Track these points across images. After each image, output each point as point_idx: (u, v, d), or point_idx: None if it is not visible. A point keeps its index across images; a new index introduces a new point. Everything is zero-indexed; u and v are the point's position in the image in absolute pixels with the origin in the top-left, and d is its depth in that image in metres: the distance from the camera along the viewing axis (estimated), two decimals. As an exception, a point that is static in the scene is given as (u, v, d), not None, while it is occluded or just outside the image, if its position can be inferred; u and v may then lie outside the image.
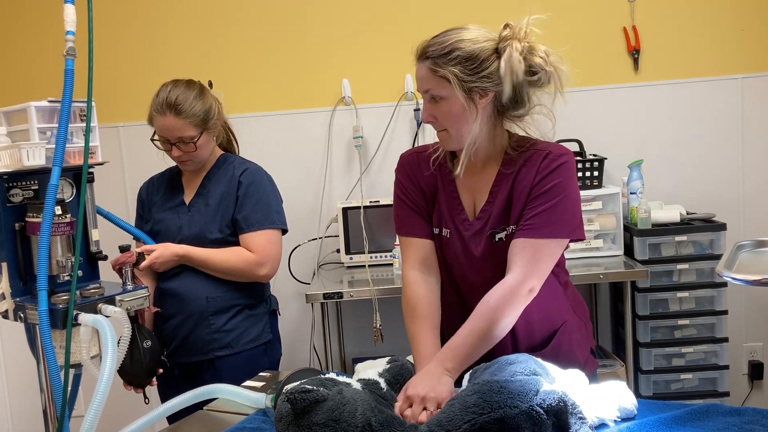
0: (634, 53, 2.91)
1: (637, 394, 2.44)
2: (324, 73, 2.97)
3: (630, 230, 2.68)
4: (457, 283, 1.58)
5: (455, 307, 1.58)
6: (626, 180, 2.78)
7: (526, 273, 1.41)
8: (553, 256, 1.46)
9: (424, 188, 1.59)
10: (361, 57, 2.96)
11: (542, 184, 1.45)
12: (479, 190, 1.54)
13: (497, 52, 1.40)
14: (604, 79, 2.93)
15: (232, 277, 2.02)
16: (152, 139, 2.04)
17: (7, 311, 1.63)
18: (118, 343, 1.49)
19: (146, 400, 1.90)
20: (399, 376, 1.43)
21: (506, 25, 1.42)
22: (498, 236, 1.50)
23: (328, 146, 3.00)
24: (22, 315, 1.60)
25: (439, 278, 1.59)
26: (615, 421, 1.28)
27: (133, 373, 1.80)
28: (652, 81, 2.92)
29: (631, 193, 2.75)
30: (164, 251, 1.96)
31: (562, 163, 1.46)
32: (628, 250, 2.68)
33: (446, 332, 1.52)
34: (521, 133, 1.52)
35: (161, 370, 1.82)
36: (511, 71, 1.37)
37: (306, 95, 2.99)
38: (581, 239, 1.52)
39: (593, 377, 1.54)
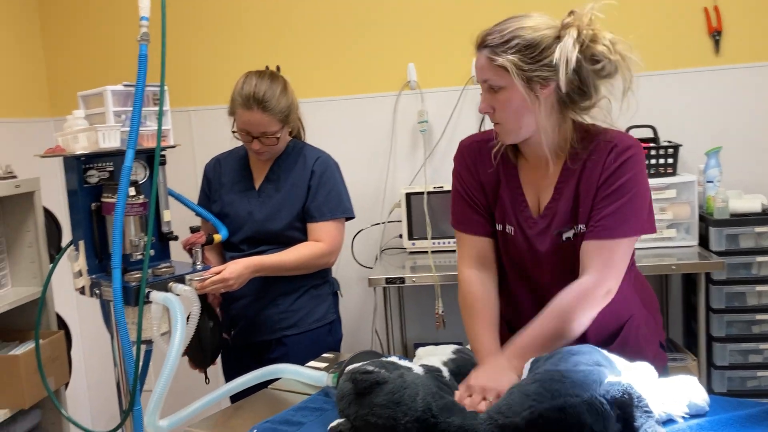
0: (715, 35, 2.76)
1: (710, 391, 2.35)
2: (389, 58, 2.96)
3: (706, 220, 2.57)
4: (526, 277, 1.55)
5: (526, 302, 1.55)
6: (703, 168, 2.66)
7: (602, 275, 1.38)
8: (627, 254, 1.42)
9: (484, 183, 1.54)
10: (427, 41, 2.93)
11: (610, 182, 1.39)
12: (544, 187, 1.49)
13: (559, 40, 1.35)
14: (682, 62, 2.80)
15: (303, 271, 2.03)
16: (233, 131, 2.03)
17: (83, 287, 1.72)
18: (188, 320, 1.55)
19: (207, 380, 1.95)
20: (463, 368, 1.42)
21: (570, 12, 1.37)
22: (565, 235, 1.46)
23: (392, 131, 2.99)
24: (97, 291, 1.68)
25: (496, 275, 1.56)
26: (683, 417, 1.24)
27: (194, 354, 1.87)
28: (734, 64, 2.76)
29: (707, 182, 2.63)
30: (234, 268, 1.86)
31: (629, 157, 1.39)
32: (704, 241, 2.58)
33: (516, 326, 1.48)
34: (589, 121, 1.46)
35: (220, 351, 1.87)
36: (566, 59, 1.32)
37: (371, 80, 2.99)
38: (653, 233, 1.46)
39: (664, 372, 1.49)
